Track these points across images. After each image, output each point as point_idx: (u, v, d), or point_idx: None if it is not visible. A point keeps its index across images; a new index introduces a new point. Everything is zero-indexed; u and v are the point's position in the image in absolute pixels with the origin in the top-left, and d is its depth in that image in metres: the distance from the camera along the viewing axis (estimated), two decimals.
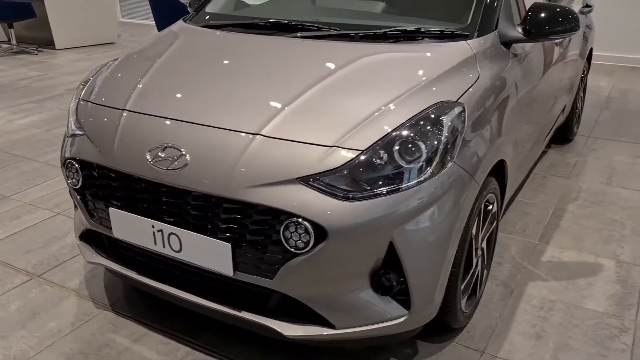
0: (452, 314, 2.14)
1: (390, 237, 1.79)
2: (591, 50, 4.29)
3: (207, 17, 2.81)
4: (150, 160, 1.96)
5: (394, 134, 1.83)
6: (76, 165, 2.18)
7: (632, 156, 4.13)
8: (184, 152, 1.92)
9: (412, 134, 1.83)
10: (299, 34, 2.40)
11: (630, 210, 3.34)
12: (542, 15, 2.38)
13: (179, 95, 2.13)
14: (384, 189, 1.77)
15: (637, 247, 2.94)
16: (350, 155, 1.78)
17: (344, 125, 1.85)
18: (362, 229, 1.76)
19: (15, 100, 5.80)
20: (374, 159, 1.79)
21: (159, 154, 1.96)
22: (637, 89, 5.91)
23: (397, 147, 1.81)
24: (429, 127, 1.86)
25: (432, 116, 1.88)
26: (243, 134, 1.89)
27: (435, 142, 1.85)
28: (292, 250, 1.79)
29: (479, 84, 2.12)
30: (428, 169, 1.82)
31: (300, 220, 1.75)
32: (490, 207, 2.34)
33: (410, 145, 1.82)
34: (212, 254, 1.91)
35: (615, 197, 3.50)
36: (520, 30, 2.42)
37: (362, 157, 1.78)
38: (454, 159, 1.88)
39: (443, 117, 1.89)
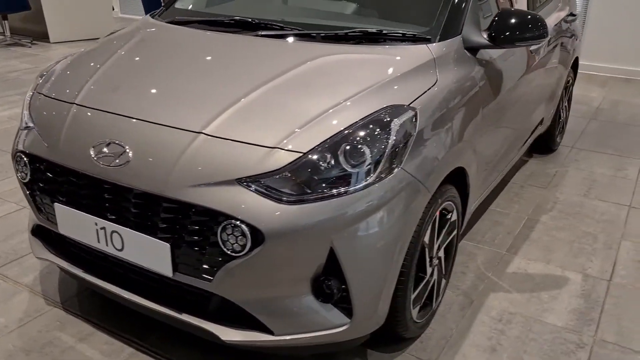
0: (401, 323, 2.08)
1: (331, 243, 1.74)
2: (576, 59, 4.23)
3: (175, 12, 2.77)
4: (93, 156, 1.92)
5: (339, 136, 1.78)
6: (25, 158, 2.14)
7: (614, 169, 4.07)
8: (127, 149, 1.88)
9: (358, 138, 1.78)
10: (260, 33, 2.35)
11: (605, 223, 3.28)
12: (508, 21, 2.33)
13: (128, 91, 2.09)
14: (325, 193, 1.73)
15: (607, 261, 2.88)
16: (291, 157, 1.74)
17: (288, 126, 1.80)
18: (300, 233, 1.71)
19: (1, 92, 5.77)
20: (316, 162, 1.74)
21: (103, 149, 1.92)
22: (628, 101, 5.84)
23: (341, 150, 1.76)
24: (376, 131, 1.81)
25: (381, 120, 1.84)
26: (186, 132, 1.85)
27: (382, 147, 1.80)
28: (230, 253, 1.74)
29: (436, 89, 2.07)
30: (373, 174, 1.77)
31: (237, 222, 1.70)
32: (448, 216, 2.29)
33: (355, 149, 1.77)
34: (151, 253, 1.87)
35: (591, 209, 3.44)
36: (485, 36, 2.37)
37: (303, 160, 1.74)
38: (401, 165, 1.83)
39: (392, 121, 1.84)
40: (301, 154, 1.74)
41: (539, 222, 3.27)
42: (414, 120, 1.90)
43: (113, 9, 9.27)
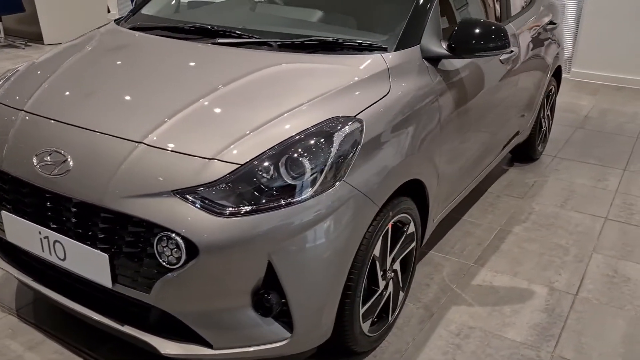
0: (350, 337, 2.05)
1: (269, 257, 1.71)
2: (559, 68, 4.19)
3: (140, 18, 2.75)
4: (36, 164, 1.90)
5: (279, 148, 1.75)
6: None
7: (595, 179, 4.02)
8: (68, 158, 1.86)
9: (298, 150, 1.76)
10: (218, 41, 2.33)
11: (578, 235, 3.23)
12: (468, 31, 2.30)
13: (76, 98, 2.07)
14: (263, 206, 1.70)
15: (575, 275, 2.84)
16: (228, 169, 1.71)
17: (227, 137, 1.78)
18: (236, 247, 1.68)
19: None
20: (254, 174, 1.71)
21: (45, 158, 1.89)
22: (618, 109, 5.79)
23: (281, 162, 1.73)
24: (318, 143, 1.78)
25: (324, 132, 1.81)
26: (126, 142, 1.82)
27: (324, 159, 1.77)
28: (166, 265, 1.72)
29: (387, 100, 2.04)
30: (313, 187, 1.74)
31: (172, 235, 1.68)
32: (405, 229, 2.26)
33: (295, 161, 1.74)
34: (91, 264, 1.85)
35: (566, 221, 3.40)
36: (445, 46, 2.34)
37: (241, 172, 1.71)
38: (344, 178, 1.80)
39: (335, 133, 1.81)
40: (239, 166, 1.71)
41: (511, 233, 3.23)
42: (359, 132, 1.86)
43: (109, 11, 9.27)
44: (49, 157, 1.89)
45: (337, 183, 1.79)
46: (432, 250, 3.02)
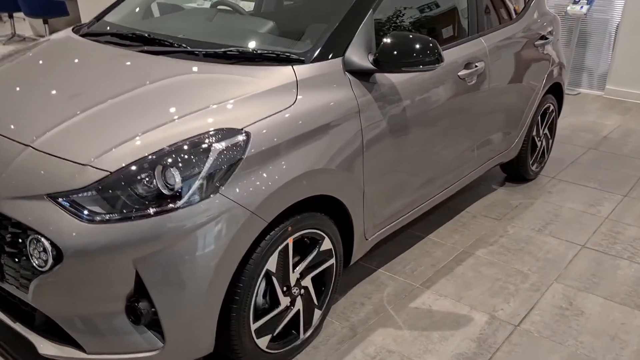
0: (241, 352, 2.02)
1: (134, 265, 1.72)
2: (556, 86, 3.98)
3: (98, 25, 2.83)
4: None
5: (153, 157, 1.76)
6: None
7: (587, 204, 3.80)
8: None
9: (172, 160, 1.76)
10: (144, 48, 2.36)
11: (545, 262, 3.06)
12: (395, 46, 2.23)
13: None
14: (131, 214, 1.71)
15: (525, 305, 2.68)
16: (98, 175, 1.73)
17: (107, 144, 1.80)
18: (102, 253, 1.70)
19: None
20: (124, 182, 1.73)
21: None
22: None
23: (153, 172, 1.74)
24: (193, 154, 1.78)
25: (201, 142, 1.80)
26: (17, 144, 1.88)
27: (197, 170, 1.76)
28: (37, 267, 1.76)
29: (289, 112, 2.01)
30: (184, 198, 1.74)
31: (40, 237, 1.71)
32: (317, 245, 2.21)
33: (167, 171, 1.75)
34: None
35: (537, 246, 3.22)
36: (371, 59, 2.28)
37: (111, 179, 1.72)
38: (220, 190, 1.78)
39: (213, 145, 1.80)
40: (109, 173, 1.73)
41: (472, 256, 3.10)
42: (242, 144, 1.84)
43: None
44: None
45: (212, 195, 1.77)
46: (382, 268, 2.94)
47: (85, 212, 1.71)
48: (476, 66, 2.94)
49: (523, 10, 3.61)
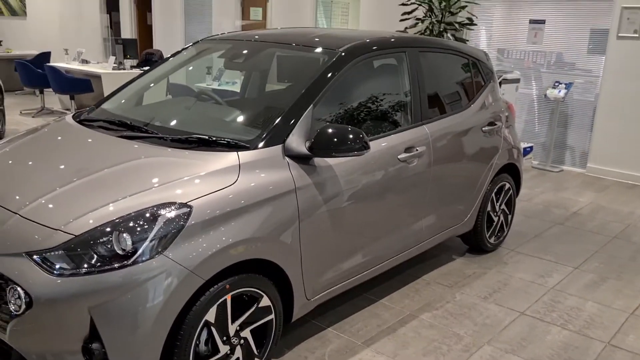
0: None
1: (89, 312, 2.13)
2: (511, 165, 4.39)
3: (95, 112, 3.37)
4: None
5: (110, 224, 2.20)
6: None
7: (537, 275, 4.11)
8: None
9: (126, 226, 2.20)
10: (123, 134, 2.87)
11: (481, 327, 3.37)
12: (326, 135, 2.69)
13: None
14: (88, 270, 2.14)
15: None
16: (65, 237, 2.18)
17: (74, 213, 2.26)
18: (64, 301, 2.13)
19: None
20: (86, 243, 2.17)
21: None
22: (613, 208, 5.76)
23: (110, 235, 2.18)
24: (143, 222, 2.22)
25: (150, 213, 2.25)
26: (6, 211, 2.35)
27: (145, 236, 2.20)
28: (13, 311, 2.18)
29: (230, 189, 2.45)
30: (133, 257, 2.17)
31: (17, 287, 2.15)
32: (256, 302, 2.59)
33: (120, 235, 2.19)
34: None
35: (478, 312, 3.54)
36: (307, 146, 2.73)
37: (75, 241, 2.17)
38: (164, 252, 2.21)
39: (160, 216, 2.24)
40: (73, 236, 2.18)
41: (416, 318, 3.43)
42: (185, 215, 2.28)
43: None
44: None
45: (157, 256, 2.20)
46: (331, 327, 3.28)
47: (52, 267, 2.15)
48: (417, 150, 3.38)
49: (473, 99, 4.07)
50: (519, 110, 7.64)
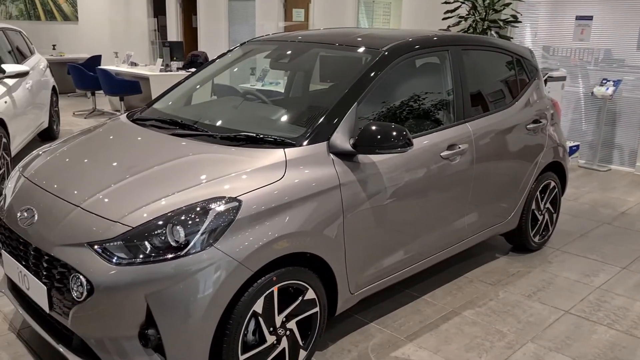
0: None
1: (146, 299, 2.25)
2: (556, 164, 4.35)
3: (147, 112, 3.52)
4: (18, 217, 2.64)
5: (166, 217, 2.32)
6: None
7: (582, 274, 4.06)
8: (35, 214, 2.57)
9: (179, 219, 2.31)
10: (176, 132, 2.99)
11: (525, 325, 3.36)
12: (369, 132, 2.75)
13: (57, 171, 2.82)
14: (146, 260, 2.26)
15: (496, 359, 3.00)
16: (123, 229, 2.31)
17: (132, 206, 2.39)
18: (122, 289, 2.25)
19: None
20: (142, 235, 2.29)
21: (24, 213, 2.62)
22: None
23: (164, 227, 2.30)
24: (195, 216, 2.33)
25: (202, 207, 2.35)
26: (69, 204, 2.50)
27: (197, 229, 2.30)
28: (75, 298, 2.32)
29: (277, 185, 2.53)
30: (186, 249, 2.28)
31: (79, 275, 2.29)
32: (302, 295, 2.67)
33: (174, 227, 2.30)
34: (39, 293, 2.51)
35: (522, 310, 3.53)
36: (351, 143, 2.80)
37: (133, 232, 2.30)
38: (215, 244, 2.31)
39: (211, 209, 2.35)
40: (131, 228, 2.30)
41: (459, 315, 3.45)
42: (235, 209, 2.38)
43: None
44: (25, 212, 2.62)
45: (207, 248, 2.30)
46: (374, 322, 3.34)
47: (114, 256, 2.28)
48: (459, 147, 3.40)
49: (517, 96, 4.06)
50: (565, 108, 7.51)
